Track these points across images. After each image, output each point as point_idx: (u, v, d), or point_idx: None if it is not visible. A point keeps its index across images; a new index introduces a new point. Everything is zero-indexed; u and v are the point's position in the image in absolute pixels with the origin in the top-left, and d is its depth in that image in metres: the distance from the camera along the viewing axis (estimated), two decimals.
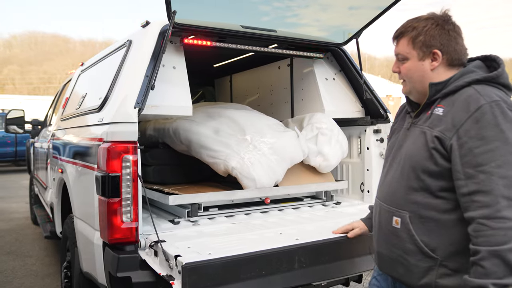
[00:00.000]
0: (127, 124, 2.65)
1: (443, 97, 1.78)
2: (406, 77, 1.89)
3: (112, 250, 2.55)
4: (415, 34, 1.82)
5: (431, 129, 1.75)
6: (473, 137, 1.61)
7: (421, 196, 1.77)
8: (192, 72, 3.40)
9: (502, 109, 1.62)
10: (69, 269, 3.69)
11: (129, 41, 3.26)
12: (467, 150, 1.62)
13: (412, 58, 1.85)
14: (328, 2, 3.42)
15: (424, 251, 1.77)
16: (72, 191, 3.47)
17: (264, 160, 3.21)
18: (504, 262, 1.53)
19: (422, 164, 1.75)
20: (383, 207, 1.94)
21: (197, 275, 2.14)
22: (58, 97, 6.28)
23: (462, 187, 1.64)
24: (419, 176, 1.77)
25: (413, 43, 1.83)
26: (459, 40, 1.81)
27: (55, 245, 6.06)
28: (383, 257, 1.96)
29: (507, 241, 1.53)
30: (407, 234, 1.81)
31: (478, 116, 1.62)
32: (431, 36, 1.79)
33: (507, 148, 1.58)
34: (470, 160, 1.61)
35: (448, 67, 1.82)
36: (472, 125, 1.62)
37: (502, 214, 1.54)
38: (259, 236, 2.72)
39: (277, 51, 3.70)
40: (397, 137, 1.99)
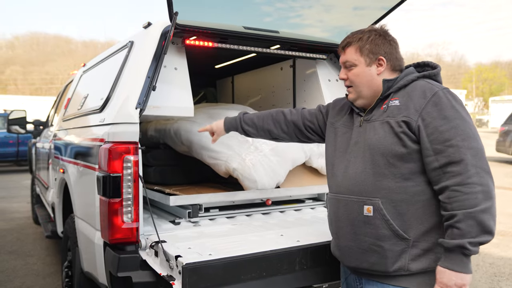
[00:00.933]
0: (129, 124, 2.65)
1: (396, 91, 1.99)
2: (354, 83, 2.08)
3: (113, 250, 2.55)
4: (362, 43, 2.05)
5: (393, 118, 1.92)
6: (436, 117, 1.83)
7: (392, 181, 1.91)
8: (194, 73, 3.40)
9: (452, 94, 1.90)
10: (70, 269, 3.70)
11: (131, 42, 3.26)
12: (433, 129, 1.83)
13: (360, 64, 2.06)
14: (331, 3, 3.41)
15: (398, 233, 1.89)
16: (74, 191, 3.48)
17: (266, 161, 3.20)
18: (477, 222, 1.72)
19: (391, 149, 1.90)
20: (349, 200, 2.03)
21: (198, 276, 2.13)
22: (60, 98, 6.29)
23: (433, 162, 1.83)
24: (389, 161, 1.91)
25: (361, 51, 2.04)
26: (398, 49, 2.08)
27: (56, 244, 6.07)
28: (352, 249, 2.04)
29: (478, 203, 1.73)
30: (381, 220, 1.92)
31: (435, 100, 1.86)
32: (376, 44, 2.03)
33: (465, 124, 1.82)
34: (437, 137, 1.82)
35: (391, 72, 2.06)
36: (433, 108, 1.85)
37: (473, 180, 1.75)
38: (260, 238, 2.72)
39: (280, 52, 3.69)
40: (349, 136, 2.13)
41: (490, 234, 1.75)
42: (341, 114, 2.27)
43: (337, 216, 2.11)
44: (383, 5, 3.31)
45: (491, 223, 1.74)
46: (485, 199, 1.74)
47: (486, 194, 1.75)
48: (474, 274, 4.86)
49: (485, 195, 1.74)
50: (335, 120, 2.29)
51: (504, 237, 6.41)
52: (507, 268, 5.06)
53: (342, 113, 2.27)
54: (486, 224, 1.73)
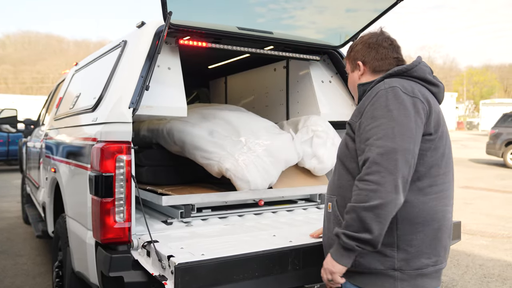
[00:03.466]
0: (121, 124, 2.65)
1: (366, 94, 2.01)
2: (350, 89, 2.27)
3: (105, 250, 2.54)
4: (349, 52, 2.20)
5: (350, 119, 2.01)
6: (368, 117, 1.85)
7: (345, 179, 1.97)
8: (187, 73, 3.40)
9: (396, 93, 1.83)
10: (60, 269, 3.67)
11: (124, 42, 3.25)
12: (362, 129, 1.86)
13: (348, 71, 2.22)
14: (324, 4, 3.43)
15: None
16: (65, 190, 3.46)
17: (259, 162, 3.21)
18: (358, 217, 1.74)
19: (342, 150, 2.01)
20: (326, 197, 2.14)
21: (190, 276, 2.13)
22: (51, 97, 6.25)
23: (359, 161, 1.85)
24: (342, 161, 2.00)
25: (349, 59, 2.20)
26: (380, 50, 2.08)
27: (47, 244, 6.02)
28: (324, 243, 2.13)
29: (365, 200, 1.72)
30: (334, 216, 1.99)
31: (374, 100, 1.86)
32: (356, 51, 2.14)
33: (390, 123, 1.77)
34: (364, 137, 1.84)
35: (373, 74, 2.10)
36: (369, 108, 1.86)
37: (369, 177, 1.74)
38: (252, 238, 2.72)
39: (273, 53, 3.70)
40: None
41: (369, 233, 1.72)
42: None
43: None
44: (375, 7, 3.33)
45: (372, 223, 1.71)
46: (374, 198, 1.71)
47: (376, 194, 1.71)
48: (464, 276, 4.90)
49: (375, 194, 1.71)
50: None
51: (494, 239, 6.46)
52: (497, 270, 5.10)
53: None
54: (366, 222, 1.72)
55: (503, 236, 6.64)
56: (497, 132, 15.83)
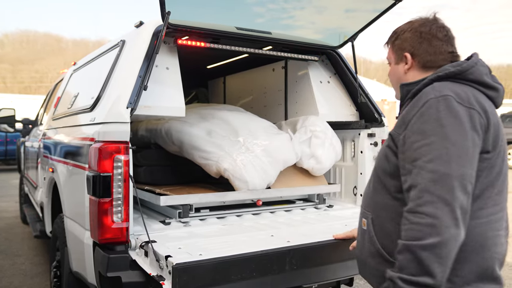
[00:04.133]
0: (119, 124, 2.64)
1: (412, 97, 1.73)
2: (391, 82, 1.93)
3: (103, 250, 2.54)
4: (394, 39, 1.87)
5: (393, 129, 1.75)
6: (415, 131, 1.58)
7: (381, 196, 1.75)
8: (186, 73, 3.40)
9: (449, 103, 1.55)
10: (58, 269, 3.67)
11: (122, 41, 3.25)
12: (409, 145, 1.59)
13: (392, 62, 1.90)
14: (324, 4, 3.42)
15: (381, 253, 1.72)
16: (63, 190, 3.45)
17: (257, 162, 3.21)
18: (415, 258, 1.46)
19: (381, 164, 1.76)
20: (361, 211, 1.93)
21: (188, 276, 2.13)
22: (49, 96, 6.24)
23: (404, 183, 1.60)
24: (379, 175, 1.77)
25: (393, 48, 1.87)
26: (434, 42, 1.77)
27: (45, 244, 6.01)
28: (358, 258, 1.92)
29: (421, 237, 1.46)
30: (369, 235, 1.79)
31: (423, 111, 1.58)
32: (404, 39, 1.82)
33: (443, 143, 1.51)
34: (410, 155, 1.58)
35: (422, 69, 1.79)
36: (416, 120, 1.58)
37: (422, 209, 1.48)
38: (250, 238, 2.72)
39: (272, 53, 3.69)
40: None
41: (430, 277, 1.44)
42: None
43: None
44: (375, 8, 3.33)
45: (433, 265, 1.44)
46: (431, 234, 1.44)
47: (434, 229, 1.44)
48: None
49: (432, 230, 1.44)
50: None
51: None
52: None
53: None
54: (425, 264, 1.44)
55: None
56: None
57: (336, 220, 3.25)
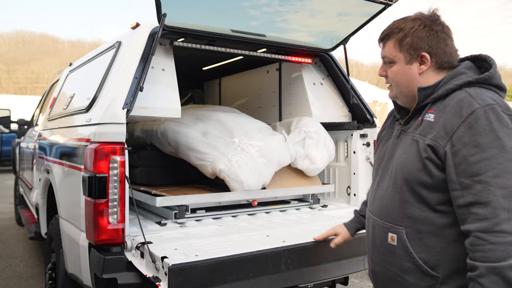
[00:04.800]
0: (115, 125, 2.65)
1: (433, 102, 1.67)
2: (393, 82, 1.78)
3: (98, 251, 2.54)
4: (402, 36, 1.71)
5: (423, 137, 1.63)
6: (468, 144, 1.50)
7: (418, 210, 1.64)
8: (181, 74, 3.41)
9: (497, 113, 1.51)
10: (53, 271, 3.66)
11: (118, 42, 3.26)
12: (462, 159, 1.51)
13: (399, 61, 1.74)
14: (317, 8, 3.45)
15: (423, 269, 1.64)
16: (58, 191, 3.45)
17: (252, 162, 3.22)
18: (504, 280, 1.41)
19: (416, 175, 1.62)
20: (377, 223, 1.80)
21: (184, 277, 2.14)
22: (45, 97, 6.23)
23: (458, 198, 1.52)
24: (413, 188, 1.64)
25: (400, 46, 1.72)
26: (448, 41, 1.71)
27: (40, 246, 6.00)
28: (379, 275, 1.83)
29: (506, 257, 1.41)
30: (405, 252, 1.67)
31: (471, 122, 1.50)
32: (419, 38, 1.68)
33: (504, 155, 1.46)
34: (466, 169, 1.50)
35: (437, 70, 1.72)
36: (466, 131, 1.51)
37: (502, 227, 1.43)
38: (246, 238, 2.73)
39: (266, 55, 3.72)
40: (387, 146, 1.86)
41: None
42: (388, 120, 1.99)
43: (368, 236, 1.91)
44: (366, 12, 3.36)
45: None
46: None
47: None
48: None
49: None
50: (383, 129, 2.02)
51: None
52: None
53: (389, 119, 1.99)
54: None
55: None
56: None
57: (330, 220, 3.27)
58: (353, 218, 2.33)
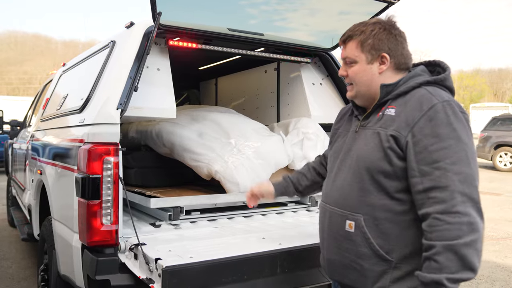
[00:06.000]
0: (109, 125, 2.62)
1: (394, 98, 1.80)
2: (354, 81, 1.89)
3: (91, 253, 2.51)
4: (363, 38, 1.84)
5: (384, 129, 1.75)
6: (428, 134, 1.65)
7: (376, 197, 1.76)
8: (177, 74, 3.38)
9: (453, 109, 1.68)
10: (46, 272, 3.62)
11: (112, 42, 3.22)
12: (422, 148, 1.65)
13: (360, 61, 1.86)
14: (317, 7, 3.42)
15: (379, 253, 1.75)
16: (51, 192, 3.41)
17: (248, 164, 3.19)
18: (458, 256, 1.55)
19: (377, 164, 1.75)
20: (334, 212, 1.89)
21: (178, 279, 2.11)
22: (38, 98, 6.19)
23: (418, 184, 1.66)
24: (374, 177, 1.76)
25: (362, 47, 1.84)
26: (405, 45, 1.87)
27: (32, 247, 5.95)
28: (335, 263, 1.91)
29: (461, 235, 1.55)
30: (362, 238, 1.78)
31: (431, 115, 1.66)
32: (380, 39, 1.82)
33: (460, 145, 1.63)
34: (425, 157, 1.64)
35: (395, 71, 1.85)
36: (426, 123, 1.66)
37: (458, 209, 1.57)
38: (241, 240, 2.70)
39: (264, 55, 3.69)
40: (344, 140, 1.98)
41: (472, 271, 1.56)
42: (344, 118, 2.11)
43: (323, 226, 1.99)
44: (368, 11, 3.33)
45: (475, 259, 1.56)
46: (470, 231, 1.56)
47: (471, 226, 1.56)
48: None
49: (469, 227, 1.56)
50: (338, 126, 2.13)
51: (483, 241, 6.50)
52: (486, 271, 5.13)
53: (345, 117, 2.11)
54: (468, 260, 1.55)
55: (492, 238, 6.69)
56: (487, 135, 16.03)
57: None
58: (281, 182, 2.44)
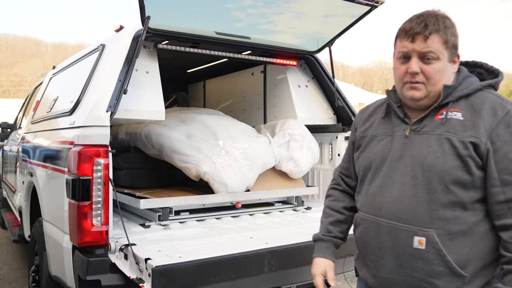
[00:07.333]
0: (99, 127, 2.65)
1: (455, 100, 1.66)
2: (431, 80, 1.65)
3: (82, 254, 2.54)
4: (449, 34, 1.64)
5: (455, 134, 1.59)
6: (508, 141, 1.54)
7: (449, 210, 1.59)
8: (165, 77, 3.41)
9: None
10: (37, 273, 3.64)
11: (102, 45, 3.25)
12: (503, 156, 1.53)
13: (443, 58, 1.64)
14: (303, 10, 3.46)
15: (455, 270, 1.59)
16: (42, 194, 3.43)
17: (236, 165, 3.24)
18: None
19: (453, 174, 1.58)
20: (394, 227, 1.69)
21: (167, 278, 2.15)
22: (28, 100, 6.18)
23: (499, 194, 1.54)
24: (449, 188, 1.58)
25: (446, 43, 1.63)
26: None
27: (23, 249, 5.94)
28: (396, 283, 1.71)
29: None
30: (436, 255, 1.60)
31: (508, 120, 1.55)
32: (457, 37, 1.67)
33: None
34: (507, 166, 1.53)
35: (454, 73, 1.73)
36: (505, 130, 1.55)
37: None
38: (229, 240, 2.75)
39: (251, 57, 3.74)
40: (388, 145, 1.77)
41: None
42: (372, 119, 1.92)
43: (378, 243, 1.76)
44: (352, 13, 3.39)
45: None
46: None
47: None
48: None
49: None
50: (365, 128, 1.92)
51: None
52: None
53: (372, 118, 1.92)
54: None
55: None
56: None
57: (314, 222, 3.28)
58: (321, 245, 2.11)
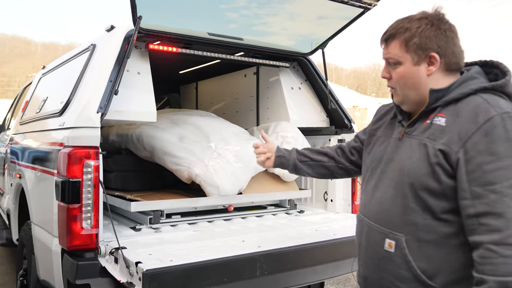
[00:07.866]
0: (89, 129, 2.62)
1: (444, 105, 1.58)
2: (398, 84, 1.66)
3: (71, 257, 2.50)
4: (408, 36, 1.59)
5: (432, 141, 1.54)
6: (483, 152, 1.43)
7: (420, 217, 1.56)
8: (157, 78, 3.39)
9: None
10: (25, 277, 3.59)
11: (93, 45, 3.22)
12: (476, 166, 1.43)
13: (405, 62, 1.61)
14: (297, 11, 3.46)
15: (420, 278, 1.56)
16: (31, 196, 3.39)
17: (228, 167, 3.21)
18: None
19: (422, 180, 1.54)
20: (373, 227, 1.70)
21: (158, 282, 2.12)
22: (17, 101, 6.12)
23: (468, 207, 1.45)
24: (419, 194, 1.55)
25: (406, 46, 1.60)
26: (456, 41, 1.61)
27: (11, 253, 5.87)
28: (371, 282, 1.74)
29: None
30: (402, 260, 1.59)
31: (487, 129, 1.43)
32: (427, 37, 1.57)
33: None
34: (479, 177, 1.43)
35: (446, 72, 1.62)
36: (481, 138, 1.44)
37: None
38: (221, 244, 2.72)
39: (244, 59, 3.72)
40: (385, 148, 1.76)
41: None
42: (383, 119, 1.88)
43: (360, 240, 1.81)
44: (346, 15, 3.39)
45: None
46: None
47: None
48: None
49: None
50: (376, 127, 1.89)
51: None
52: None
53: (384, 118, 1.88)
54: None
55: None
56: None
57: (306, 226, 3.28)
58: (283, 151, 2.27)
